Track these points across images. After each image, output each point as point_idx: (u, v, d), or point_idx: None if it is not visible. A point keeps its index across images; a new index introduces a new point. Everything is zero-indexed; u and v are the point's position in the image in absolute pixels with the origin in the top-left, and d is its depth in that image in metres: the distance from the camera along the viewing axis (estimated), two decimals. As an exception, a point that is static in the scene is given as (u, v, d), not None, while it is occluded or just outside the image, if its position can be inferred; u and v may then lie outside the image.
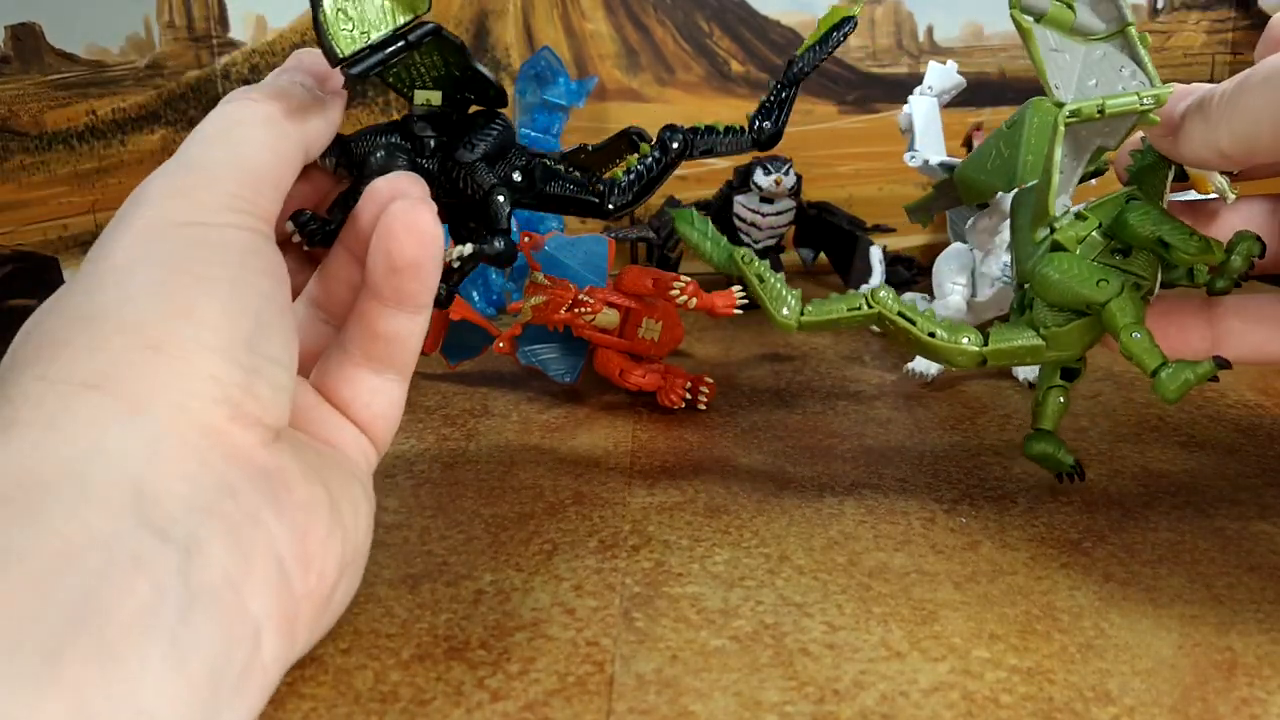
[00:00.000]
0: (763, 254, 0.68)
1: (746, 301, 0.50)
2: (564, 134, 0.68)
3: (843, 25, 0.34)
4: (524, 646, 0.30)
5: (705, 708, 0.27)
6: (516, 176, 0.33)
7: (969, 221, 0.52)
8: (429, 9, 0.30)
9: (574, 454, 0.44)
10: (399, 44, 0.29)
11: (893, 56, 0.80)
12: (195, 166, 0.27)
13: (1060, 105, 0.33)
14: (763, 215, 0.68)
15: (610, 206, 0.33)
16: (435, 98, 0.33)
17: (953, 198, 0.44)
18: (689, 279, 0.48)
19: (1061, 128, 0.33)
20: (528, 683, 0.28)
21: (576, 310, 0.47)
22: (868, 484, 0.41)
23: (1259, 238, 0.34)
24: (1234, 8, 0.79)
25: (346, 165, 0.32)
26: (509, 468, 0.43)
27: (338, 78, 0.30)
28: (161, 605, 0.21)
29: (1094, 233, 0.34)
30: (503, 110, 0.34)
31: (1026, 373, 0.52)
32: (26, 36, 0.68)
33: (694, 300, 0.48)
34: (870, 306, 0.35)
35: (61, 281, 0.67)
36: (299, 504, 0.26)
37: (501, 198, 0.32)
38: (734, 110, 0.81)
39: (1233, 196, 0.35)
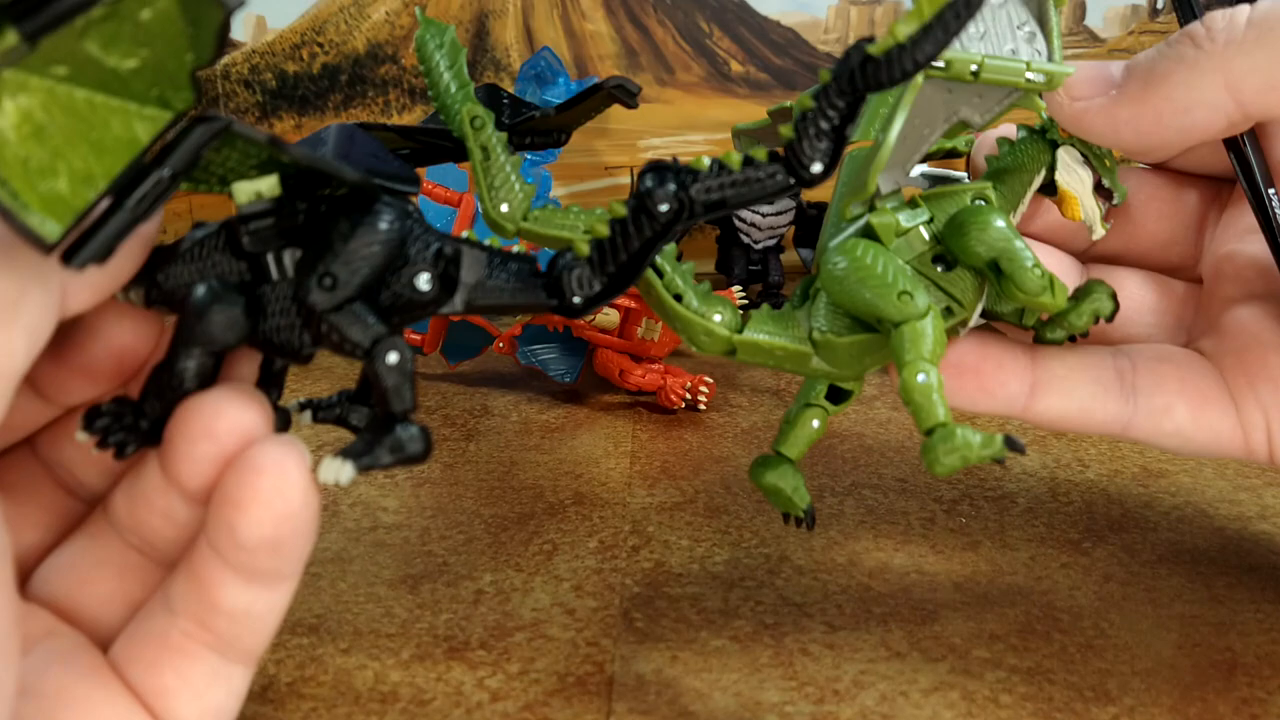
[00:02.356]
0: (763, 254, 0.68)
1: (747, 301, 0.50)
2: (564, 134, 0.68)
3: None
4: (524, 646, 0.30)
5: (705, 708, 0.27)
6: (423, 285, 0.21)
7: None
8: (197, 101, 0.18)
9: (574, 454, 0.45)
10: (150, 189, 0.18)
11: (893, 56, 0.80)
12: None
13: None
14: (762, 215, 0.68)
15: (576, 302, 0.22)
16: (268, 186, 0.20)
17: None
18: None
19: (919, 79, 0.25)
20: (528, 683, 0.28)
21: (576, 310, 0.47)
22: (868, 484, 0.41)
23: (1114, 296, 0.27)
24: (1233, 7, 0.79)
25: (160, 301, 0.21)
26: (509, 468, 0.43)
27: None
28: None
29: (921, 227, 0.26)
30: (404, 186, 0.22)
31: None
32: (26, 37, 0.67)
33: (694, 300, 0.48)
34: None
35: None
36: None
37: (394, 357, 0.20)
38: (734, 110, 0.81)
39: (1101, 231, 0.28)
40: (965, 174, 0.31)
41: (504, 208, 0.26)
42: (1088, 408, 0.28)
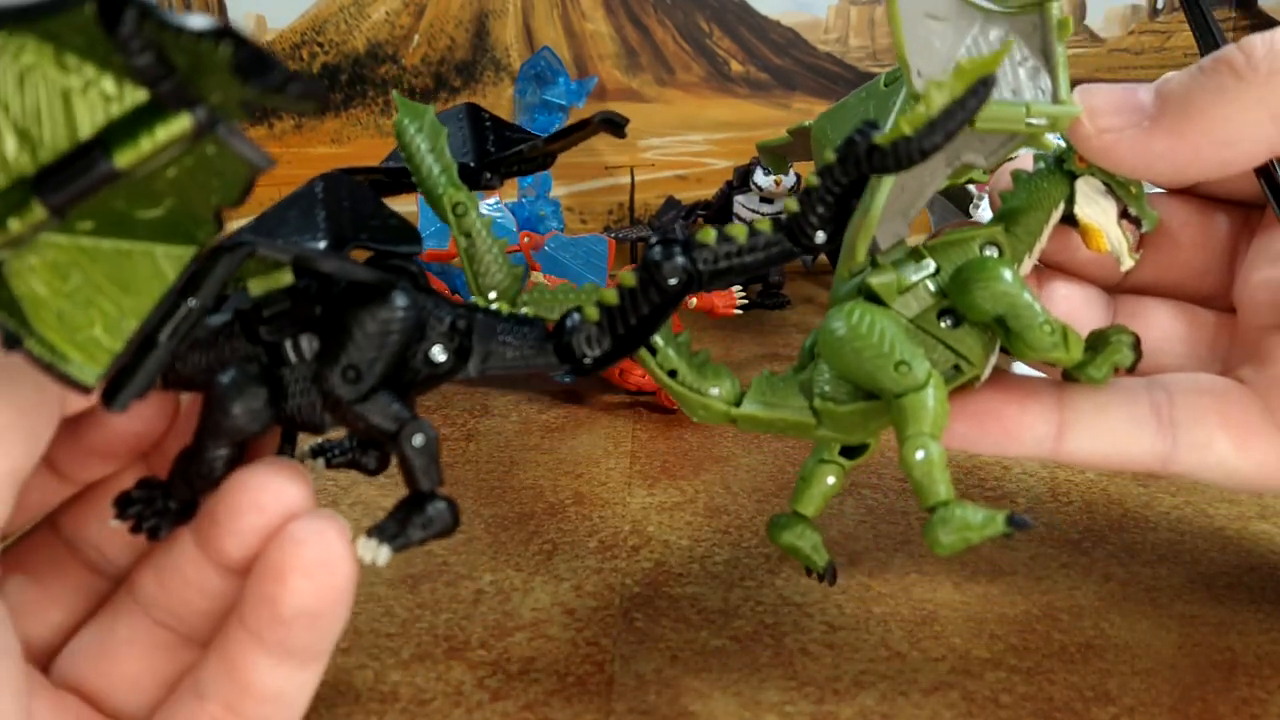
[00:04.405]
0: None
1: (746, 302, 0.50)
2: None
3: (978, 90, 0.20)
4: (524, 646, 0.30)
5: (705, 708, 0.27)
6: (439, 357, 0.21)
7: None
8: (218, 230, 0.18)
9: (574, 454, 0.45)
10: (181, 322, 0.19)
11: (893, 57, 0.80)
12: None
13: (916, 99, 0.22)
14: (762, 215, 0.68)
15: (587, 361, 0.22)
16: (280, 278, 0.20)
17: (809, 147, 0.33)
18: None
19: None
20: (528, 683, 0.28)
21: (576, 310, 0.47)
22: (868, 484, 0.41)
23: (1137, 344, 0.25)
24: (1234, 8, 0.79)
25: (177, 385, 0.21)
26: (509, 468, 0.43)
27: None
28: None
29: (926, 281, 0.25)
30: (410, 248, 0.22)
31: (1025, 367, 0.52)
32: (26, 36, 0.67)
33: (694, 300, 0.48)
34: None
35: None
36: None
37: (420, 439, 0.21)
38: (734, 110, 0.81)
39: (1130, 262, 0.27)
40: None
41: (492, 295, 0.25)
42: (1121, 445, 0.26)
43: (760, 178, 0.66)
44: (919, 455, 0.23)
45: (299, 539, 0.20)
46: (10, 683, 0.18)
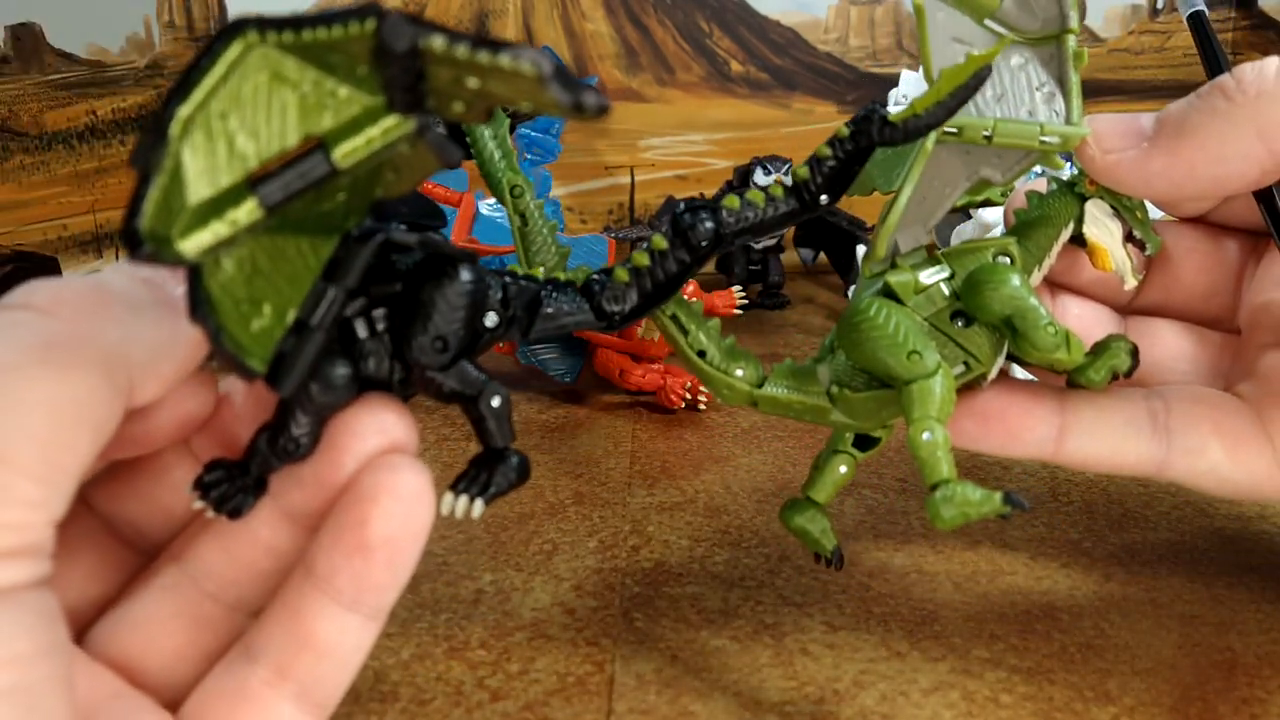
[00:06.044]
0: (763, 254, 0.68)
1: (746, 302, 0.50)
2: (563, 134, 0.68)
3: (979, 75, 0.23)
4: (524, 646, 0.30)
5: (705, 708, 0.27)
6: (490, 323, 0.23)
7: (954, 230, 0.52)
8: (366, 219, 0.20)
9: (574, 454, 0.45)
10: (328, 308, 0.20)
11: (893, 56, 0.80)
12: None
13: None
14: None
15: (616, 317, 0.24)
16: None
17: None
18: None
19: (929, 145, 0.25)
20: (528, 683, 0.28)
21: (576, 310, 0.47)
22: (868, 484, 0.41)
23: (1135, 352, 0.27)
24: (1234, 8, 0.79)
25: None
26: (509, 468, 0.43)
27: (175, 285, 0.20)
28: None
29: (941, 284, 0.27)
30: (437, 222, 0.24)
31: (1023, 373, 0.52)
32: (26, 36, 0.68)
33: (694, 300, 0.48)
34: None
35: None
36: None
37: (498, 400, 0.22)
38: (734, 110, 0.81)
39: (1133, 281, 0.28)
40: None
41: (540, 272, 0.27)
42: (1119, 449, 0.27)
43: (760, 178, 0.66)
44: (925, 436, 0.24)
45: (396, 466, 0.21)
46: (60, 683, 0.18)
